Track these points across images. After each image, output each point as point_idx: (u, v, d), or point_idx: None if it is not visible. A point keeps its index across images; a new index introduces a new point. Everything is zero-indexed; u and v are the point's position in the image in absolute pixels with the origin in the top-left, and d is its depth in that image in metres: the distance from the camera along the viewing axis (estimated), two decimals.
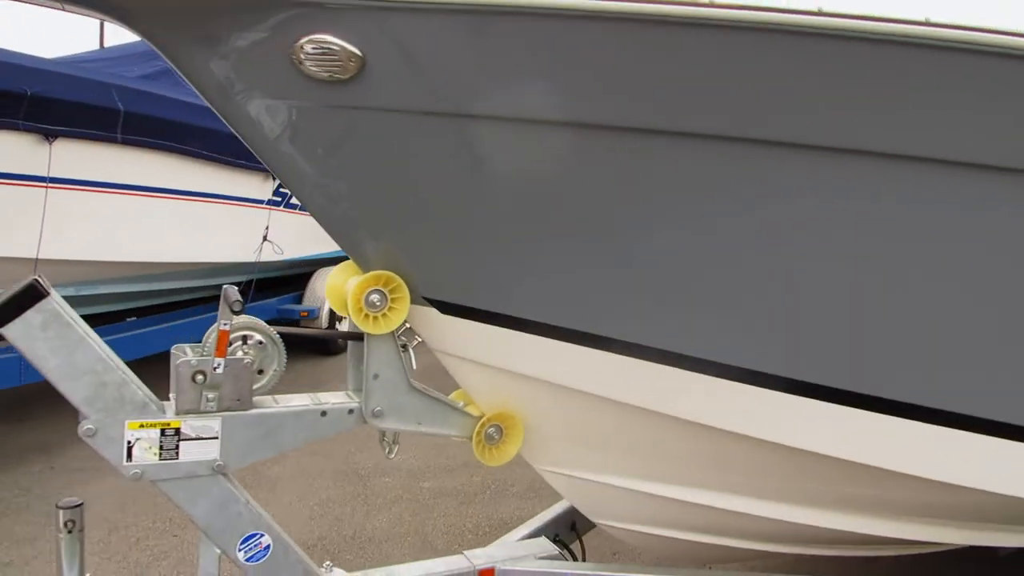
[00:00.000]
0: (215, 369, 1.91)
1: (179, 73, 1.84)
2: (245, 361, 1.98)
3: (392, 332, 2.12)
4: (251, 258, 6.84)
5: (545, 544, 2.68)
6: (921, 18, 1.66)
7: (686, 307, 2.15)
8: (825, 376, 2.15)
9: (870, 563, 3.25)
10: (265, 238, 6.98)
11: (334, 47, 1.66)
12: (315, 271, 8.47)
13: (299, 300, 8.39)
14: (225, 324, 1.89)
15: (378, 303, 2.06)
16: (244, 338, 2.02)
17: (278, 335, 2.06)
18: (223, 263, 6.61)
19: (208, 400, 1.94)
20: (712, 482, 2.41)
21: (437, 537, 4.51)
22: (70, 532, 2.01)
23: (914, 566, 3.29)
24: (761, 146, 1.95)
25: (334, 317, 8.29)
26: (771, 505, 2.38)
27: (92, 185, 5.07)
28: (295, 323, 8.05)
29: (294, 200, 7.58)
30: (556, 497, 2.90)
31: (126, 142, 5.15)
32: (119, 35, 7.55)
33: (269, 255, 7.06)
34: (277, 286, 8.37)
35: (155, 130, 5.38)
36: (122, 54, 6.32)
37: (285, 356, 2.07)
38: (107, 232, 5.45)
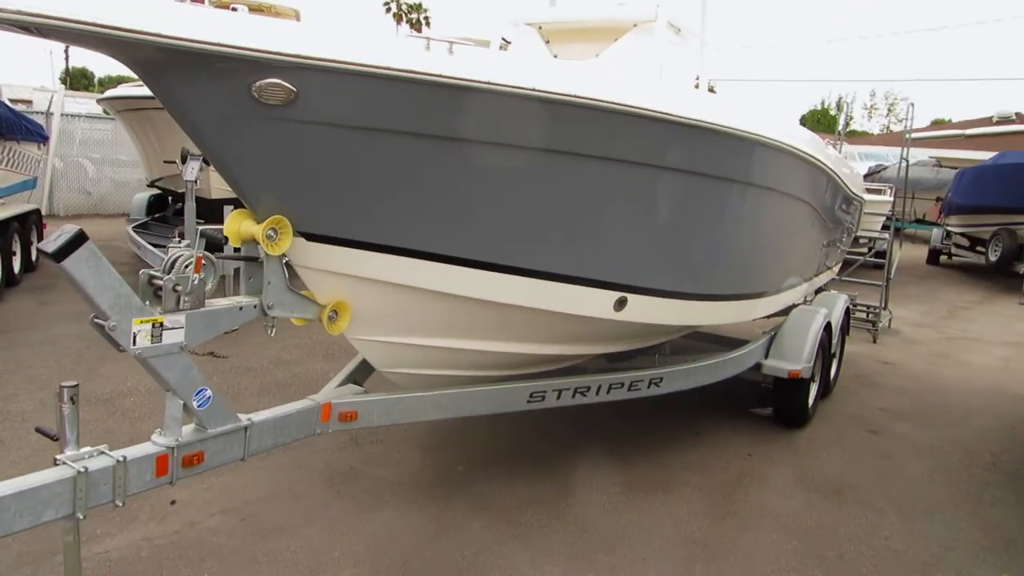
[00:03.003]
0: (194, 282, 3.01)
1: (155, 93, 2.84)
2: (203, 276, 3.09)
3: (282, 255, 3.37)
4: None
5: (355, 387, 4.17)
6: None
7: (444, 227, 3.76)
8: (518, 260, 3.97)
9: None
10: None
11: (279, 85, 2.88)
12: None
13: None
14: (201, 252, 2.99)
15: (273, 236, 3.30)
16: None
17: (216, 258, 3.18)
18: None
19: (184, 303, 3.03)
20: (461, 332, 4.12)
21: None
22: (73, 403, 2.93)
23: None
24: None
25: None
26: (497, 343, 4.20)
27: None
28: None
29: None
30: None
31: None
32: None
33: None
34: None
35: None
36: None
37: (220, 273, 3.21)
38: None
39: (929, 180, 21.80)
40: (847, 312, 7.85)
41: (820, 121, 58.91)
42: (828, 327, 6.66)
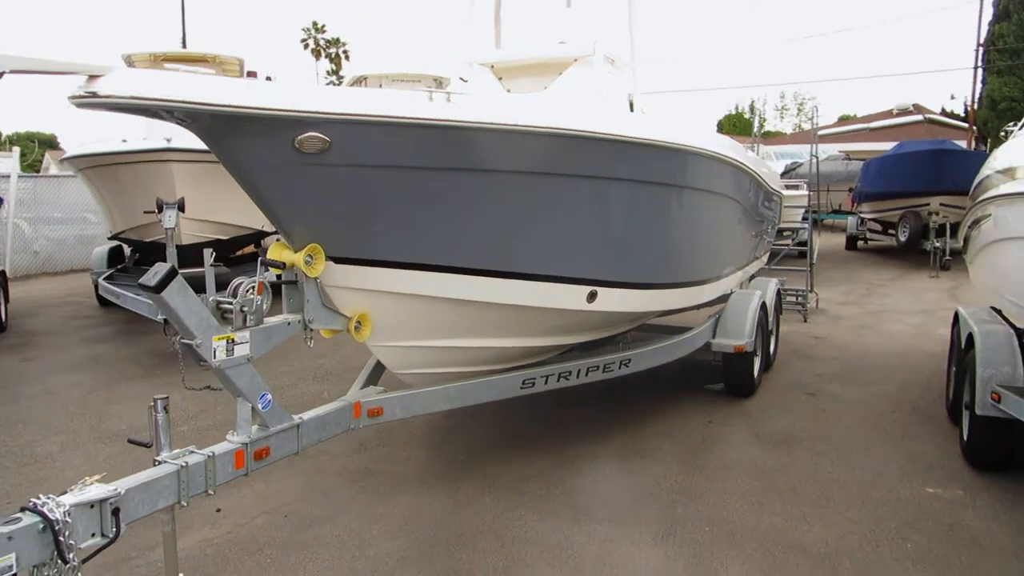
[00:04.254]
0: (257, 304, 3.66)
1: (216, 152, 3.51)
2: (262, 298, 3.74)
3: (317, 277, 4.04)
4: None
5: (377, 388, 4.84)
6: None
7: (447, 241, 4.49)
8: (508, 266, 4.72)
9: None
10: None
11: (317, 137, 3.58)
12: None
13: None
14: (262, 279, 3.65)
15: (309, 261, 3.98)
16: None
17: (269, 284, 3.84)
18: None
19: (249, 321, 3.68)
20: (463, 332, 4.84)
21: None
22: (166, 412, 3.54)
23: None
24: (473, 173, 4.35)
25: None
26: (493, 339, 4.93)
27: None
28: None
29: None
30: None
31: None
32: None
33: None
34: None
35: None
36: None
37: (271, 296, 3.86)
38: None
39: (841, 173, 23.56)
40: (779, 293, 8.85)
41: (736, 125, 61.67)
42: (764, 307, 7.61)
